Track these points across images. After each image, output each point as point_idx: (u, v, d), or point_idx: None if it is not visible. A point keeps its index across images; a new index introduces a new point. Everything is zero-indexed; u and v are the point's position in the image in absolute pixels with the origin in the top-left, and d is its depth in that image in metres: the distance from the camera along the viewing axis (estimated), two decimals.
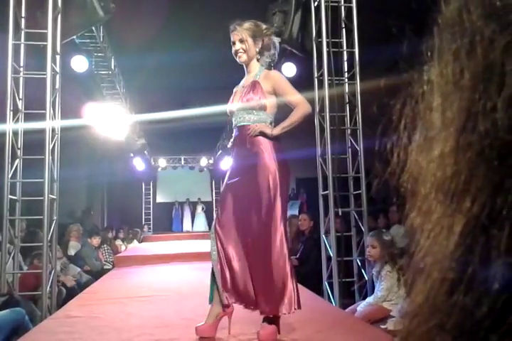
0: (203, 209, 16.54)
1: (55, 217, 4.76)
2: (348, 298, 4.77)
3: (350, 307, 4.06)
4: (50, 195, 4.63)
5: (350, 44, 5.26)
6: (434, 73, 0.33)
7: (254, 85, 2.77)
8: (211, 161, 16.06)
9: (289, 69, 7.14)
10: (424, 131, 0.33)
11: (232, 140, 2.79)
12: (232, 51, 2.76)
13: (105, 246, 8.41)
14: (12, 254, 4.63)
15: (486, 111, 0.27)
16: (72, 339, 2.60)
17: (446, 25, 0.32)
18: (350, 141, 5.24)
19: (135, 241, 10.97)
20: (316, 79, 5.30)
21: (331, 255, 4.92)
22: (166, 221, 16.71)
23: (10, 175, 4.60)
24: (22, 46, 4.82)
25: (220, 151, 14.23)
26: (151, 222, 16.63)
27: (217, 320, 2.56)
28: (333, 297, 4.85)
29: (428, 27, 0.34)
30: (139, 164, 14.24)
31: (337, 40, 5.26)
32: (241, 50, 2.73)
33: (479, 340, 0.26)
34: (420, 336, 0.30)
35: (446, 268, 0.28)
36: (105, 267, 7.52)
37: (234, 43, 2.75)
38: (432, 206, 0.31)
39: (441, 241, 0.29)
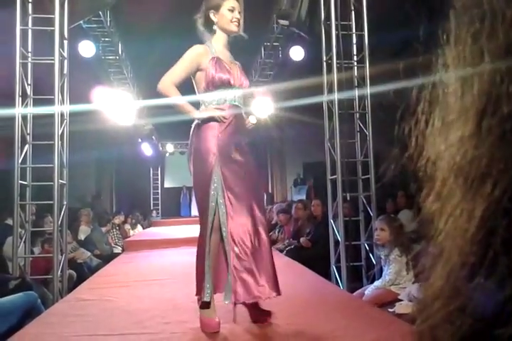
0: None
1: (65, 202, 4.81)
2: (355, 281, 4.80)
3: (358, 291, 4.09)
4: (60, 180, 4.66)
5: (359, 27, 5.19)
6: (450, 57, 0.32)
7: (243, 71, 2.72)
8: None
9: (298, 52, 7.07)
10: (442, 115, 0.33)
11: (229, 116, 2.60)
12: (229, 17, 2.63)
13: (114, 230, 8.49)
14: (23, 239, 4.70)
15: (509, 93, 0.27)
16: (83, 321, 2.65)
17: (464, 8, 0.32)
18: (359, 125, 5.21)
19: (139, 226, 11.02)
20: (324, 63, 5.24)
21: (339, 239, 4.94)
22: (175, 206, 16.79)
23: (20, 161, 4.63)
24: (30, 31, 4.80)
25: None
26: (160, 207, 16.73)
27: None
28: (340, 281, 4.88)
29: (439, 10, 0.34)
30: (146, 149, 14.27)
31: (346, 23, 5.18)
32: (238, 21, 2.66)
33: (501, 322, 0.26)
34: (440, 319, 0.30)
35: (466, 252, 0.28)
36: (115, 251, 7.61)
37: (233, 10, 2.64)
38: (451, 190, 0.30)
39: (461, 225, 0.29)
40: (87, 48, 6.50)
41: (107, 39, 7.17)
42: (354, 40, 5.27)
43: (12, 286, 3.93)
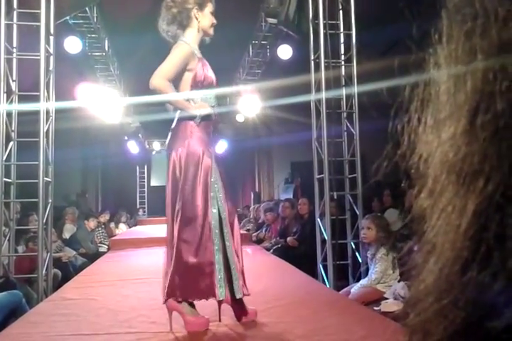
0: None
1: (50, 200, 4.75)
2: (342, 280, 4.83)
3: (345, 289, 4.12)
4: (45, 178, 4.61)
5: (347, 26, 5.21)
6: (442, 55, 0.33)
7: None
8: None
9: (285, 51, 7.07)
10: (434, 112, 0.33)
11: (214, 121, 2.66)
12: (211, 20, 2.63)
13: (100, 229, 8.42)
14: (7, 237, 4.63)
15: (502, 90, 0.27)
16: (68, 321, 2.62)
17: (456, 7, 0.32)
18: (346, 125, 5.23)
19: (122, 225, 10.93)
20: (312, 62, 5.25)
21: (326, 238, 4.96)
22: (161, 204, 16.69)
23: (4, 158, 4.57)
24: (15, 26, 4.73)
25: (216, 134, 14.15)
26: (146, 206, 16.65)
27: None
28: (327, 279, 4.90)
29: (431, 9, 0.34)
30: (133, 147, 14.18)
31: (334, 22, 5.19)
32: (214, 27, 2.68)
33: (495, 314, 0.26)
34: (433, 314, 0.30)
35: (459, 247, 0.29)
36: (100, 250, 7.55)
37: (213, 14, 2.64)
38: (444, 187, 0.31)
39: (453, 221, 0.29)
40: (73, 44, 6.43)
41: (93, 35, 7.10)
42: (342, 39, 5.29)
43: None
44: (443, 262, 0.30)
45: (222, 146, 14.37)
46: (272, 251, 6.01)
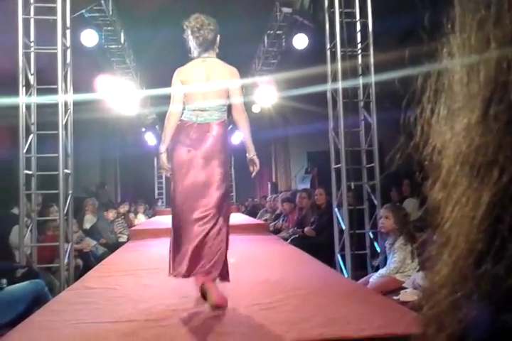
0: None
1: (70, 191, 4.83)
2: (360, 270, 4.82)
3: (363, 279, 4.11)
4: (65, 170, 4.68)
5: (363, 14, 5.14)
6: (455, 45, 0.32)
7: None
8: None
9: (301, 40, 7.01)
10: (447, 103, 0.33)
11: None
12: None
13: (119, 219, 8.54)
14: (29, 227, 4.73)
15: None
16: (89, 309, 2.68)
17: None
18: (364, 114, 5.19)
19: (141, 215, 11.03)
20: (328, 51, 5.20)
21: (344, 228, 4.95)
22: None
23: (25, 150, 4.65)
24: (32, 21, 4.78)
25: (231, 126, 14.18)
26: (164, 196, 16.78)
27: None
28: (345, 269, 4.91)
29: None
30: (150, 139, 14.27)
31: (350, 11, 5.13)
32: None
33: (510, 307, 0.26)
34: (447, 306, 0.30)
35: (473, 240, 0.29)
36: (120, 240, 7.65)
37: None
38: (457, 179, 0.31)
39: (467, 213, 0.29)
40: (89, 37, 6.47)
41: (109, 28, 7.14)
42: (358, 28, 5.22)
43: (19, 274, 3.98)
44: (457, 254, 0.30)
45: (238, 137, 14.38)
46: (289, 241, 6.02)
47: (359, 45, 5.21)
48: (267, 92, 9.03)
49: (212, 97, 2.72)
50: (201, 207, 2.56)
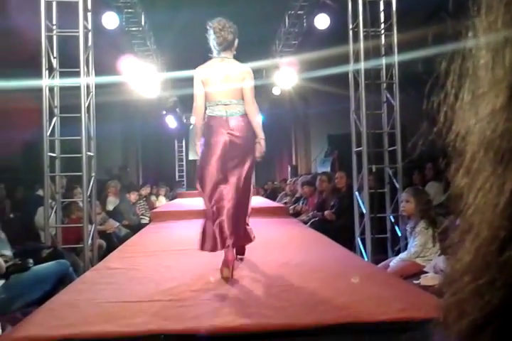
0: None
1: (93, 174, 4.91)
2: (380, 254, 4.81)
3: (383, 263, 4.11)
4: (88, 152, 4.75)
5: None
6: (481, 28, 0.31)
7: None
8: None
9: (323, 20, 6.89)
10: (472, 88, 0.32)
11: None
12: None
13: (141, 201, 8.66)
14: (54, 209, 4.84)
15: None
16: (112, 289, 2.74)
17: None
18: (386, 96, 5.10)
19: (161, 198, 11.15)
20: (350, 31, 5.10)
21: (364, 211, 4.93)
22: None
23: (48, 133, 4.72)
24: (54, 4, 4.80)
25: None
26: (185, 179, 16.92)
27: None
28: (365, 253, 4.90)
29: None
30: (171, 122, 14.34)
31: None
32: None
33: None
34: (469, 293, 0.30)
35: (496, 226, 0.28)
36: (142, 221, 7.78)
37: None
38: (481, 165, 0.30)
39: (491, 199, 0.29)
40: (110, 20, 6.47)
41: (129, 10, 7.12)
42: (381, 7, 5.09)
43: (45, 255, 4.09)
44: (480, 241, 0.30)
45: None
46: (309, 224, 6.03)
47: (382, 25, 5.09)
48: (288, 74, 8.93)
49: (232, 94, 3.07)
50: (233, 184, 3.02)
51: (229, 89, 3.06)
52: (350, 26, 5.10)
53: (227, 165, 3.01)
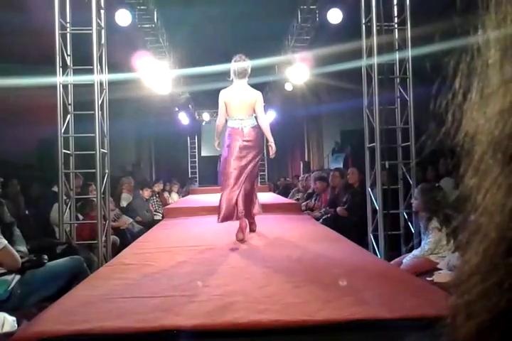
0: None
1: (107, 171, 4.95)
2: (393, 250, 4.78)
3: (396, 260, 4.08)
4: (102, 149, 4.79)
5: None
6: (490, 26, 0.31)
7: None
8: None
9: (335, 15, 6.84)
10: (480, 88, 0.31)
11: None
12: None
13: (154, 197, 8.72)
14: (68, 206, 4.89)
15: None
16: (126, 284, 2.76)
17: None
18: (400, 91, 5.05)
19: (174, 194, 11.21)
20: (363, 26, 5.06)
21: (377, 208, 4.90)
22: (212, 174, 17.02)
23: (63, 131, 4.77)
24: (67, 1, 4.83)
25: (264, 104, 14.08)
26: (197, 175, 16.99)
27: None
28: (378, 249, 4.88)
29: None
30: (183, 118, 14.38)
31: None
32: None
33: None
34: (477, 295, 0.30)
35: (504, 228, 0.28)
36: (155, 218, 7.83)
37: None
38: (489, 165, 0.30)
39: (499, 200, 0.28)
40: (123, 17, 6.50)
41: (142, 7, 7.14)
42: (395, 1, 5.04)
43: (59, 251, 4.14)
44: (487, 243, 0.29)
45: (271, 116, 14.30)
46: (321, 220, 6.02)
47: (395, 19, 5.04)
48: (300, 70, 8.89)
49: (245, 112, 4.16)
50: (245, 174, 4.07)
51: (243, 109, 4.13)
52: (364, 21, 5.05)
53: (242, 161, 4.07)
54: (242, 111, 4.13)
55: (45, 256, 3.46)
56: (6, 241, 3.08)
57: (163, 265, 3.28)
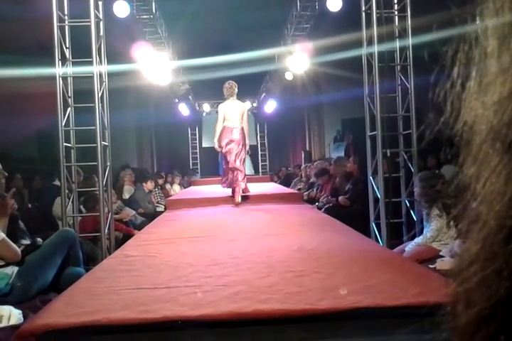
0: (248, 152, 16.59)
1: (108, 163, 4.95)
2: (395, 238, 4.80)
3: (398, 248, 4.10)
4: (103, 142, 4.78)
5: None
6: (488, 15, 0.30)
7: None
8: (255, 104, 15.89)
9: (335, 3, 6.78)
10: (478, 77, 0.31)
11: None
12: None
13: (156, 189, 8.73)
14: (71, 198, 4.91)
15: None
16: (130, 276, 2.78)
17: None
18: (400, 78, 5.02)
19: (175, 185, 11.21)
20: (363, 13, 5.01)
21: (379, 196, 4.90)
22: (213, 165, 17.01)
23: (63, 124, 4.76)
24: None
25: (264, 94, 14.03)
26: (199, 167, 16.98)
27: None
28: (380, 237, 4.89)
29: None
30: (183, 109, 14.34)
31: None
32: None
33: None
34: (476, 283, 0.30)
35: (503, 216, 0.28)
36: (158, 209, 7.85)
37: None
38: (488, 154, 0.30)
39: (498, 189, 0.29)
40: (121, 8, 6.45)
41: None
42: None
43: None
44: (487, 231, 0.29)
45: (271, 106, 14.24)
46: (323, 210, 6.03)
47: (396, 6, 5.00)
48: (300, 59, 8.83)
49: (236, 118, 6.02)
50: (236, 163, 6.01)
51: (235, 116, 6.00)
52: (363, 8, 5.01)
53: (235, 152, 6.02)
54: (234, 118, 6.02)
55: (39, 239, 3.48)
56: (3, 235, 3.08)
57: (166, 256, 3.30)
